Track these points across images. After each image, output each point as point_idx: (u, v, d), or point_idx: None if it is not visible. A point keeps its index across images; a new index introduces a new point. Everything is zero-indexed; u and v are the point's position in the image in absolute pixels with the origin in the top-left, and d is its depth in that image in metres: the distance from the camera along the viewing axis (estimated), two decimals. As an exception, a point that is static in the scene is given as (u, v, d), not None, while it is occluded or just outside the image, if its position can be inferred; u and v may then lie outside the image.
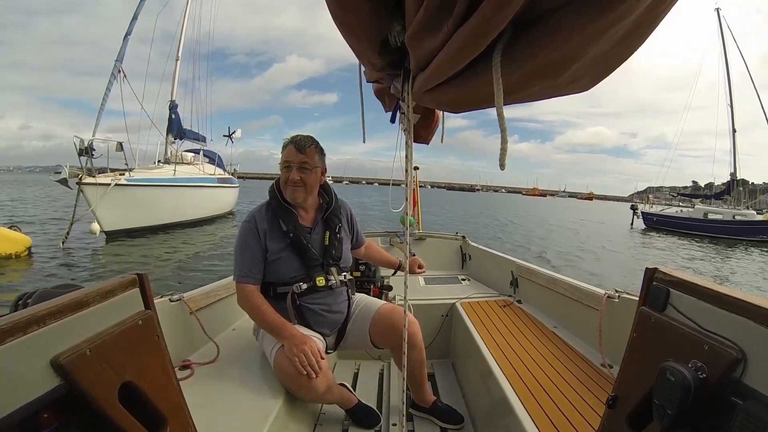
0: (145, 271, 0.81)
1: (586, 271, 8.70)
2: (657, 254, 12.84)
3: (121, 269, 6.23)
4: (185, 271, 6.64)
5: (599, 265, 9.76)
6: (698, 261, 11.39)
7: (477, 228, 16.17)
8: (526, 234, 15.51)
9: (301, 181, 1.37)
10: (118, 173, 9.16)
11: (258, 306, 1.32)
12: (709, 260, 11.65)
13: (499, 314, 2.02)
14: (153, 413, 0.75)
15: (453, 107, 0.95)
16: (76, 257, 7.33)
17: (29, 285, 5.43)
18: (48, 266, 6.50)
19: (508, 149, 0.62)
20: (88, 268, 6.73)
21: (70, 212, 8.65)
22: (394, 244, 3.16)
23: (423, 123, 1.31)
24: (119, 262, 7.23)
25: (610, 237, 16.48)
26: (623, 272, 8.92)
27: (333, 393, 1.39)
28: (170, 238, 9.60)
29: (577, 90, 0.69)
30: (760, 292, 8.07)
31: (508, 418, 1.19)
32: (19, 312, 0.58)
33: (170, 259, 7.61)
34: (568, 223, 23.14)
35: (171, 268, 6.87)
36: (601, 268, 9.34)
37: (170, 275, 6.36)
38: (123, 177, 9.11)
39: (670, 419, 0.61)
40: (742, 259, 12.12)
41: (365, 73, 1.17)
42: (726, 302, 0.63)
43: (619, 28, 0.51)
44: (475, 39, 0.55)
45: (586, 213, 36.30)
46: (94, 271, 6.52)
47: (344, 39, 0.81)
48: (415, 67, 0.79)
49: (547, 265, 8.13)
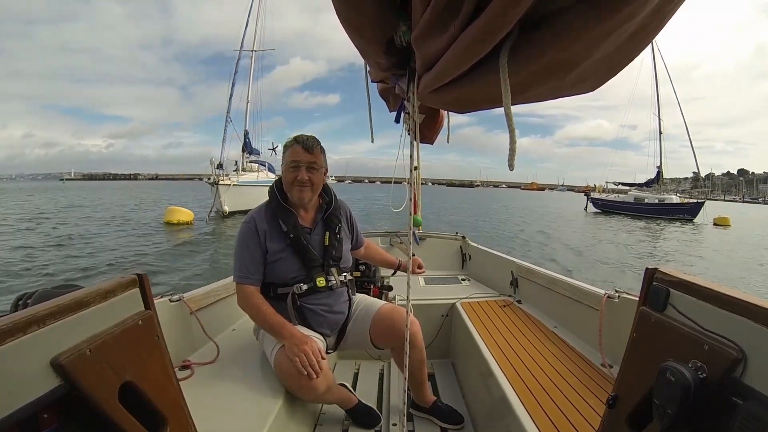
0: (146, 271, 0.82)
1: (542, 233, 14.46)
2: (595, 224, 19.47)
3: (235, 227, 8.97)
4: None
5: (556, 232, 14.99)
6: (627, 231, 16.12)
7: (465, 217, 20.92)
8: (506, 219, 20.55)
9: (309, 181, 1.36)
10: (229, 178, 15.94)
11: (258, 306, 1.32)
12: (639, 231, 16.44)
13: (499, 314, 2.02)
14: (153, 413, 0.75)
15: (458, 107, 0.95)
16: (217, 223, 13.47)
17: (200, 243, 9.78)
18: (204, 229, 12.19)
19: (505, 147, 0.62)
20: (223, 229, 12.15)
21: (202, 201, 17.34)
22: (394, 245, 3.16)
23: (427, 123, 1.31)
24: (236, 225, 9.08)
25: (569, 216, 23.28)
26: (574, 236, 14.13)
27: (333, 393, 1.39)
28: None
29: (583, 90, 0.69)
30: (678, 252, 11.09)
31: (508, 418, 1.19)
32: (19, 312, 0.58)
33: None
34: (543, 208, 30.82)
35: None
36: (558, 235, 14.14)
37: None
38: (234, 180, 15.97)
39: (670, 419, 0.61)
40: (664, 229, 17.06)
41: (370, 73, 1.17)
42: (726, 302, 0.63)
43: (625, 30, 0.51)
44: (482, 40, 0.55)
45: (563, 202, 44.41)
46: (225, 232, 11.58)
47: (350, 39, 0.81)
48: (420, 67, 0.79)
49: (517, 234, 13.60)
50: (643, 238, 14.43)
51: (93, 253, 7.99)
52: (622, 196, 25.14)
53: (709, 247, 12.67)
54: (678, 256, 10.57)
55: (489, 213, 24.42)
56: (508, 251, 3.10)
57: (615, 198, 25.78)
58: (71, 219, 14.29)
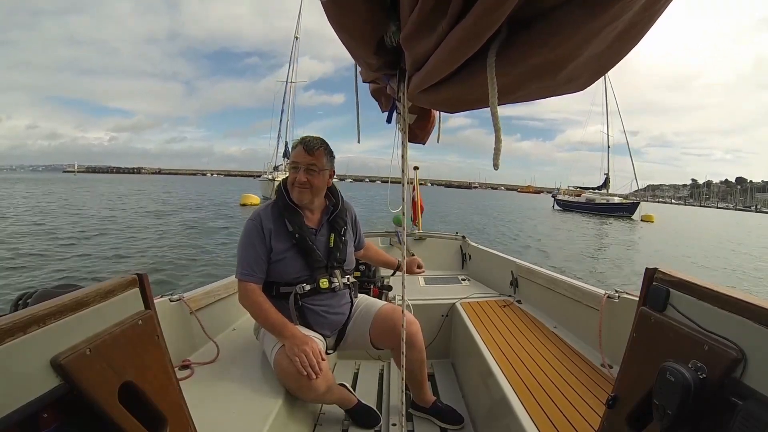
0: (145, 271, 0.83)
1: (511, 221, 21.11)
2: (560, 218, 25.80)
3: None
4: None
5: (526, 222, 21.42)
6: (581, 224, 21.97)
7: (461, 213, 25.75)
8: (486, 215, 25.73)
9: (307, 182, 1.36)
10: (279, 174, 19.83)
11: (260, 305, 1.31)
12: (588, 223, 22.46)
13: (499, 314, 2.02)
14: (153, 413, 0.74)
15: (448, 107, 0.95)
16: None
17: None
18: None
19: (502, 149, 0.62)
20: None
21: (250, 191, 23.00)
22: (394, 245, 3.16)
23: (419, 123, 1.31)
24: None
25: (539, 213, 30.54)
26: (540, 223, 21.32)
27: (333, 393, 1.39)
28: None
29: (572, 90, 0.69)
30: (620, 245, 14.05)
31: (508, 418, 1.19)
32: (19, 312, 0.58)
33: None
34: (520, 207, 37.92)
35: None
36: (528, 224, 19.95)
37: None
38: (282, 176, 17.60)
39: (670, 419, 0.61)
40: (612, 225, 22.12)
41: (361, 74, 1.17)
42: (726, 302, 0.63)
43: (614, 28, 0.51)
44: (470, 39, 0.54)
45: (544, 202, 49.85)
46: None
47: (340, 39, 0.81)
48: (410, 67, 0.79)
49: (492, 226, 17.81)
50: (590, 226, 20.72)
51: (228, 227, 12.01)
52: (577, 198, 32.60)
53: (634, 232, 19.35)
54: (612, 235, 17.00)
55: (477, 210, 30.93)
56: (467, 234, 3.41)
57: (571, 198, 33.56)
58: (177, 205, 20.41)
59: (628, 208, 27.17)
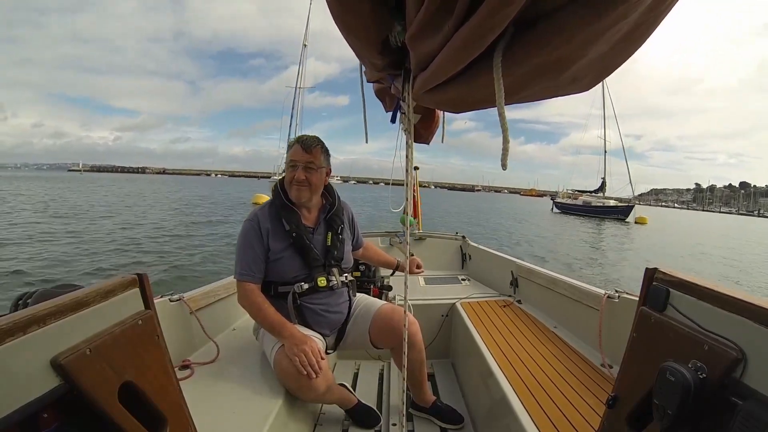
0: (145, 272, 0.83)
1: (514, 222, 22.76)
2: (558, 220, 27.52)
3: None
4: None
5: (529, 222, 23.25)
6: (578, 225, 23.51)
7: (461, 215, 26.85)
8: (487, 218, 26.49)
9: (306, 180, 1.36)
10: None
11: (259, 305, 1.32)
12: (585, 225, 23.71)
13: (499, 314, 2.02)
14: (153, 413, 0.74)
15: (453, 107, 0.95)
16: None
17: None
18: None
19: (509, 149, 0.62)
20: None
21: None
22: (393, 244, 3.16)
23: (423, 123, 1.31)
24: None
25: (539, 215, 32.39)
26: (539, 224, 22.76)
27: (333, 393, 1.39)
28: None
29: (577, 90, 0.69)
30: (615, 243, 15.92)
31: (508, 418, 1.19)
32: (19, 312, 0.58)
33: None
34: (521, 210, 39.48)
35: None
36: (530, 225, 21.58)
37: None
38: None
39: (670, 419, 0.61)
40: (606, 226, 23.58)
41: (366, 74, 1.17)
42: (726, 302, 0.63)
43: (620, 29, 0.51)
44: (476, 39, 0.54)
45: (545, 205, 51.71)
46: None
47: (345, 39, 0.81)
48: (415, 67, 0.79)
49: (497, 225, 19.40)
50: (586, 228, 21.80)
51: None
52: (575, 201, 34.89)
53: (629, 232, 21.18)
54: (608, 235, 18.62)
55: (475, 211, 32.99)
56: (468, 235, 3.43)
57: (569, 201, 35.80)
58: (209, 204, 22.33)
59: (623, 211, 29.05)
